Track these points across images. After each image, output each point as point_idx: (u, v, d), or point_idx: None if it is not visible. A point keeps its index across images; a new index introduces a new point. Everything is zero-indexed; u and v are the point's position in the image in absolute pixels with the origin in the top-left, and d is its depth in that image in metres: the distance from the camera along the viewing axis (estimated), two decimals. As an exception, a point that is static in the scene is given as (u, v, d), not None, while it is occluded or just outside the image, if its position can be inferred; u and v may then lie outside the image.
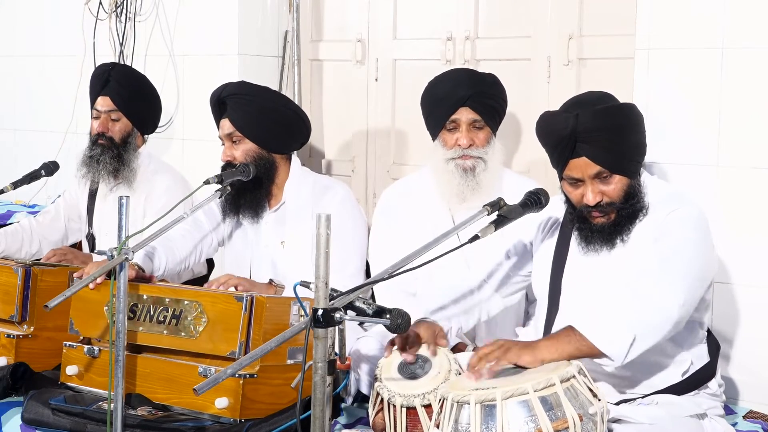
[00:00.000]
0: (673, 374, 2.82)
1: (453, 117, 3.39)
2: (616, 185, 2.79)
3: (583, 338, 2.59)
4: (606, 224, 2.81)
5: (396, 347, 2.87)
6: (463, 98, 3.37)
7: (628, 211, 2.80)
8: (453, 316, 3.04)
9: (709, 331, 3.00)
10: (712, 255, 2.84)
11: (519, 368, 2.58)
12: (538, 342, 2.64)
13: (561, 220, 2.97)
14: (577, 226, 2.87)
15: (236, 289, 3.28)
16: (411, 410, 2.73)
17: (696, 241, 2.75)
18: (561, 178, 2.87)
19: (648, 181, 2.88)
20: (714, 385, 2.89)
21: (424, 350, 2.87)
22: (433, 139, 3.47)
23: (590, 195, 2.79)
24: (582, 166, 2.78)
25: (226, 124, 3.60)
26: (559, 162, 2.83)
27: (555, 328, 2.86)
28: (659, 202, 2.82)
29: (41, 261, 3.81)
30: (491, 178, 3.40)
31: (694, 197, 3.31)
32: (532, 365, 2.57)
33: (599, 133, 2.76)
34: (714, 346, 2.96)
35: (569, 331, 2.62)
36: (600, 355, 2.60)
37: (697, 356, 2.87)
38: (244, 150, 3.58)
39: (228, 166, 3.59)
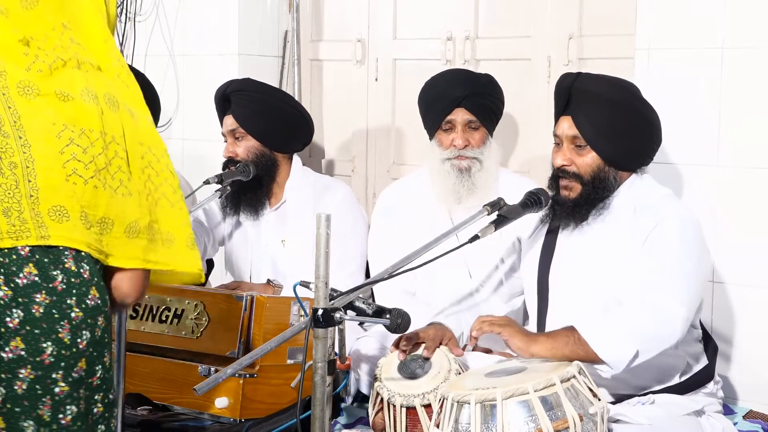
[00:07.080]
0: (671, 376, 2.82)
1: (448, 118, 3.38)
2: (586, 160, 2.79)
3: (583, 342, 2.58)
4: (568, 200, 2.81)
5: (401, 347, 2.86)
6: (458, 99, 3.36)
7: (589, 192, 2.79)
8: (460, 319, 3.04)
9: (707, 334, 2.99)
10: (709, 261, 2.84)
11: (520, 368, 2.59)
12: (537, 335, 2.64)
13: (548, 219, 2.96)
14: (552, 195, 2.86)
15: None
16: (411, 410, 2.73)
17: (697, 252, 2.75)
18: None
19: (639, 181, 2.87)
20: (711, 385, 2.89)
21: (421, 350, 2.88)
22: (430, 139, 3.47)
23: (560, 158, 2.81)
24: (565, 125, 2.81)
25: (230, 120, 3.61)
26: (555, 117, 2.86)
27: (548, 325, 2.86)
28: (651, 204, 2.80)
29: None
30: (487, 179, 3.39)
31: (694, 197, 3.32)
32: (521, 353, 2.59)
33: (591, 98, 2.78)
34: (712, 348, 2.96)
35: (569, 332, 2.61)
36: (599, 361, 2.59)
37: (693, 357, 2.86)
38: (247, 147, 3.58)
39: (229, 162, 3.59)
